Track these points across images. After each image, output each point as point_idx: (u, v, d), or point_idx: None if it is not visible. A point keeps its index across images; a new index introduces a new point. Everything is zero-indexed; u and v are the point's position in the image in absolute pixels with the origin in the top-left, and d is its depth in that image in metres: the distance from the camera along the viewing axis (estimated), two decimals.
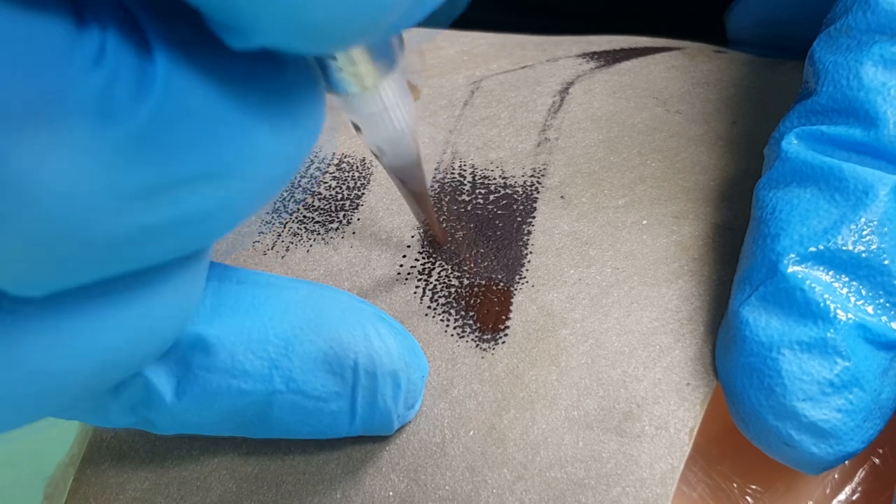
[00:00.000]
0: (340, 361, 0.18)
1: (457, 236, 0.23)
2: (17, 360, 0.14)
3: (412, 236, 0.23)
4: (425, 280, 0.23)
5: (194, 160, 0.13)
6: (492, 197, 0.24)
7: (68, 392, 0.15)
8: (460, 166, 0.25)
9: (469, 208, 0.24)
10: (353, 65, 0.16)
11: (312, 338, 0.18)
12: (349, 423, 0.19)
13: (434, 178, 0.25)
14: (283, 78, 0.14)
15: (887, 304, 0.19)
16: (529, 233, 0.23)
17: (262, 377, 0.18)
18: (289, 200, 0.25)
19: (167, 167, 0.13)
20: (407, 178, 0.20)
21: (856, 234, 0.19)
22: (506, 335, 0.21)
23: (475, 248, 0.23)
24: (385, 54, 0.16)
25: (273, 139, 0.14)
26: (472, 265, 0.23)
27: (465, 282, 0.22)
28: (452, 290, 0.22)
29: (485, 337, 0.21)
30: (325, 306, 0.18)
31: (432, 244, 0.23)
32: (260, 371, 0.18)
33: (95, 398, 0.17)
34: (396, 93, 0.17)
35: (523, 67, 0.29)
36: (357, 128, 0.18)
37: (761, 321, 0.19)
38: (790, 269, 0.19)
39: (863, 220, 0.19)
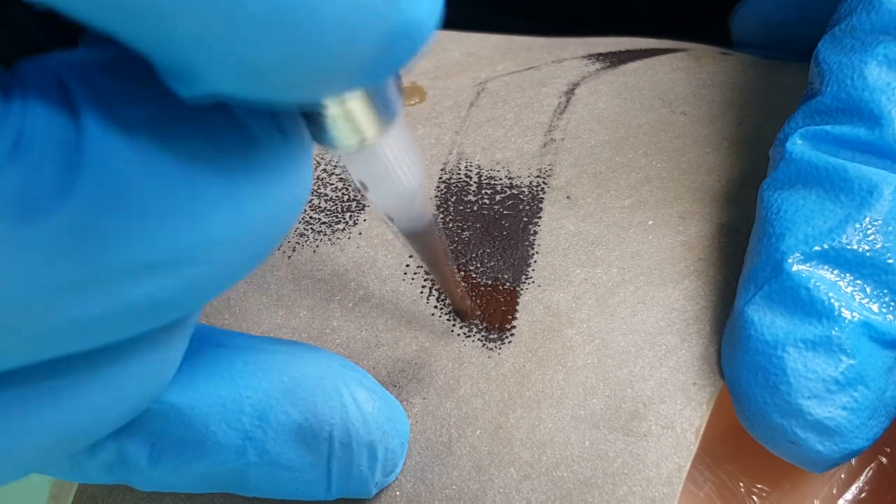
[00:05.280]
0: (315, 433, 0.18)
1: (463, 236, 0.24)
2: None
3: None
4: (432, 280, 0.23)
5: (134, 252, 0.12)
6: (498, 197, 0.24)
7: (29, 461, 0.15)
8: (466, 167, 0.25)
9: (475, 208, 0.24)
10: (350, 115, 0.14)
11: (287, 409, 0.18)
12: (325, 490, 0.19)
13: (440, 178, 0.25)
14: (252, 146, 0.12)
15: (892, 303, 0.19)
16: (535, 233, 0.23)
17: (236, 448, 0.18)
18: None
19: (100, 262, 0.11)
20: (423, 243, 0.19)
21: (860, 234, 0.19)
22: (512, 335, 0.21)
23: (481, 248, 0.23)
24: (384, 101, 0.14)
25: (235, 220, 0.12)
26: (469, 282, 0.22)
27: (472, 281, 0.22)
28: (459, 289, 0.22)
29: (491, 336, 0.21)
30: (303, 373, 0.18)
31: (458, 315, 0.22)
32: (234, 442, 0.18)
33: (70, 459, 0.17)
34: (401, 145, 0.15)
35: (529, 69, 0.29)
36: (364, 186, 0.16)
37: (766, 320, 0.19)
38: (795, 268, 0.19)
39: (867, 219, 0.19)
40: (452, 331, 0.22)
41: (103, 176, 0.11)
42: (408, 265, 0.23)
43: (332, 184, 0.25)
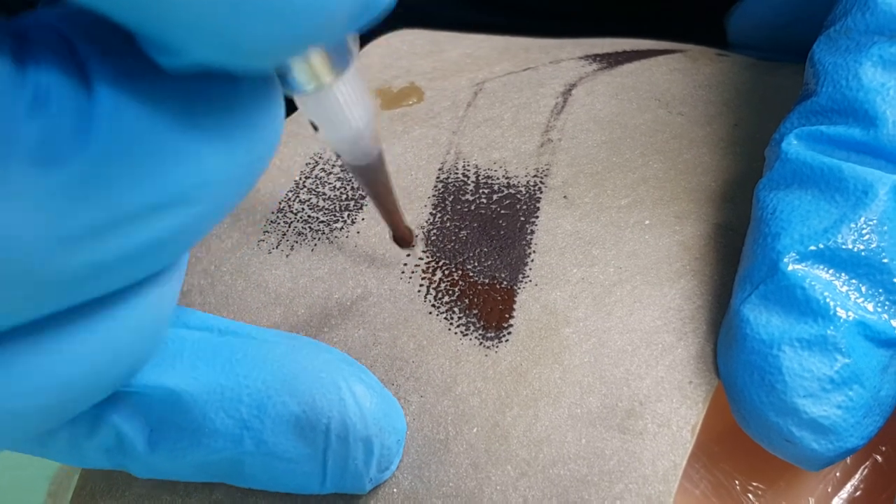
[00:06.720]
0: (312, 425, 0.18)
1: (460, 235, 0.24)
2: None
3: (416, 235, 0.24)
4: (429, 278, 0.23)
5: (144, 194, 0.12)
6: (495, 197, 0.24)
7: (31, 423, 0.15)
8: (464, 167, 0.25)
9: (473, 208, 0.24)
10: (308, 63, 0.15)
11: (286, 399, 0.18)
12: (320, 483, 0.19)
13: (438, 178, 0.25)
14: (238, 92, 0.13)
15: (887, 302, 0.19)
16: (533, 232, 0.23)
17: (233, 437, 0.18)
18: (293, 201, 0.25)
19: (115, 205, 0.12)
20: (369, 178, 0.20)
21: (855, 233, 0.19)
22: (509, 333, 0.22)
23: (478, 248, 0.23)
24: (340, 52, 0.16)
25: (228, 159, 0.13)
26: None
27: (469, 280, 0.23)
28: (456, 288, 0.22)
29: (488, 335, 0.22)
30: (303, 366, 0.18)
31: (398, 243, 0.23)
32: (231, 431, 0.18)
33: (69, 441, 0.18)
34: (353, 91, 0.17)
35: (526, 69, 0.29)
36: (315, 127, 0.18)
37: (762, 319, 0.19)
38: (790, 268, 0.19)
39: (862, 219, 0.19)
40: (449, 329, 0.22)
41: (113, 125, 0.12)
42: (405, 263, 0.23)
43: (329, 183, 0.25)
